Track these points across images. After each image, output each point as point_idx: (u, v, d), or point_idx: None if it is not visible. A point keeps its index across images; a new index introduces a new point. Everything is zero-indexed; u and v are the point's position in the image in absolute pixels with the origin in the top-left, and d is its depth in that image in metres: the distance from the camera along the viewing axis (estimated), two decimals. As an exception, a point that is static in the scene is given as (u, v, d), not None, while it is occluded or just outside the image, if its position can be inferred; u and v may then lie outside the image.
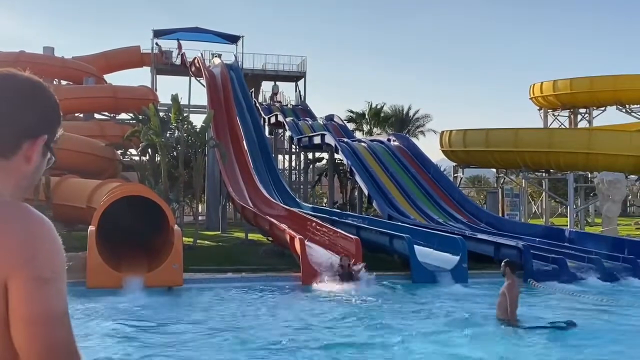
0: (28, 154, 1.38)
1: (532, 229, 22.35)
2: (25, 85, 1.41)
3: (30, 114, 1.39)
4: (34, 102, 1.40)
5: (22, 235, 1.27)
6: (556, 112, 43.21)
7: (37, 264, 1.26)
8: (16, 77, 1.41)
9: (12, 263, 1.25)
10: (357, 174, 24.92)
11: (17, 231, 1.27)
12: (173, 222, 14.62)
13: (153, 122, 21.92)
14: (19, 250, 1.25)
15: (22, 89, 1.40)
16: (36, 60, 39.85)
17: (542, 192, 37.97)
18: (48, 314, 1.25)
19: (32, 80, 1.43)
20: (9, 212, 1.30)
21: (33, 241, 1.27)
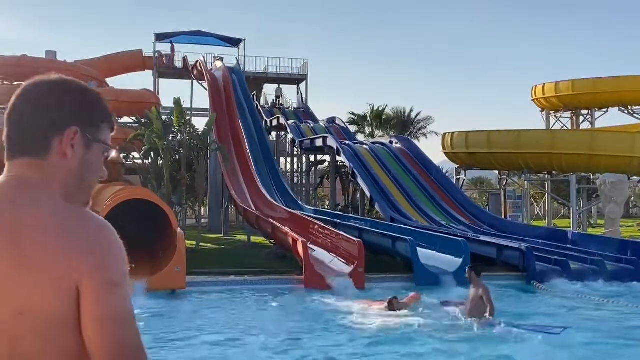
0: (61, 148, 1.41)
1: (534, 230, 22.33)
2: (46, 85, 1.45)
3: (53, 108, 1.42)
4: (55, 97, 1.43)
5: (92, 241, 1.34)
6: (558, 113, 43.18)
7: (108, 268, 1.34)
8: (40, 80, 1.46)
9: (84, 268, 1.31)
10: (359, 177, 24.92)
11: (86, 237, 1.34)
12: (176, 225, 14.63)
13: (155, 125, 21.96)
14: (90, 256, 1.33)
15: (42, 88, 1.44)
16: (38, 64, 39.96)
17: (544, 194, 37.94)
18: (119, 315, 1.33)
19: (52, 78, 1.47)
20: (75, 218, 1.36)
21: (102, 247, 1.35)
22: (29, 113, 1.42)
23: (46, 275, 1.30)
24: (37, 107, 1.42)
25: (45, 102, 1.43)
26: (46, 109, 1.42)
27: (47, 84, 1.45)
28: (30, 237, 1.32)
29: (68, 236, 1.33)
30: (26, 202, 1.36)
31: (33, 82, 1.46)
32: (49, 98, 1.43)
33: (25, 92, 1.44)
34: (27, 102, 1.43)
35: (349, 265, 14.92)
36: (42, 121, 1.41)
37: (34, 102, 1.43)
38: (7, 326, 1.31)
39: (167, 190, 21.16)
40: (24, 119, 1.42)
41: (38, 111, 1.41)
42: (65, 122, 1.43)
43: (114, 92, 35.42)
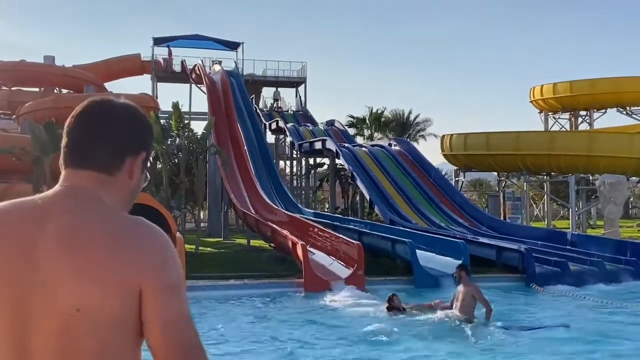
0: (131, 169, 1.53)
1: (534, 232, 22.36)
2: (122, 109, 1.55)
3: (129, 133, 1.53)
4: (131, 122, 1.55)
5: (152, 247, 1.42)
6: (557, 114, 43.24)
7: (168, 273, 1.42)
8: (113, 102, 1.56)
9: (146, 273, 1.39)
10: (359, 179, 24.95)
11: (146, 242, 1.42)
12: (175, 229, 14.66)
13: (154, 129, 21.97)
14: (152, 261, 1.41)
15: (119, 111, 1.54)
16: (37, 69, 40.02)
17: (543, 195, 37.97)
18: (181, 317, 1.42)
19: (127, 104, 1.57)
20: (133, 225, 1.45)
21: (162, 252, 1.43)
22: (104, 131, 1.51)
23: (107, 278, 1.37)
24: (114, 127, 1.51)
25: (123, 124, 1.53)
26: (123, 130, 1.52)
27: (122, 107, 1.56)
28: (89, 242, 1.39)
29: (129, 241, 1.41)
30: (86, 210, 1.44)
31: (108, 102, 1.56)
32: (125, 121, 1.54)
33: (100, 110, 1.54)
34: (103, 119, 1.52)
35: (349, 268, 14.94)
36: (119, 141, 1.51)
37: (111, 121, 1.52)
38: (63, 324, 1.37)
39: (166, 195, 21.17)
40: (97, 136, 1.50)
41: (115, 131, 1.51)
42: (138, 146, 1.55)
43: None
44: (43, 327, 1.38)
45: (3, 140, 21.51)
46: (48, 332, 1.38)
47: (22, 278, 1.40)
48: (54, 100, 34.58)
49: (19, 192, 20.02)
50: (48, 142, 17.44)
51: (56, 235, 1.40)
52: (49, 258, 1.39)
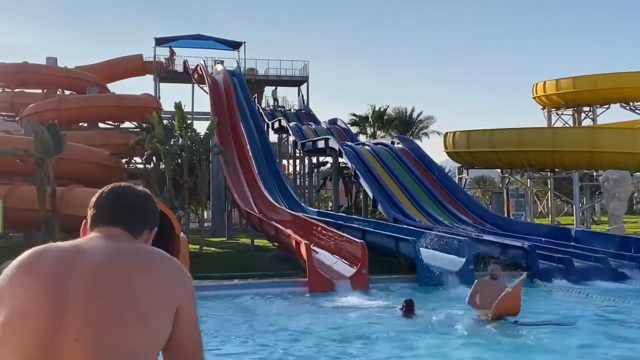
0: (147, 238, 1.96)
1: (538, 228, 22.32)
2: (144, 194, 1.99)
3: (149, 211, 1.97)
4: (149, 203, 1.99)
5: (179, 273, 1.83)
6: (560, 111, 43.16)
7: (193, 294, 1.85)
8: (136, 189, 2.00)
9: (181, 295, 1.79)
10: (362, 178, 24.93)
11: (174, 270, 1.82)
12: (179, 229, 14.65)
13: (157, 130, 21.99)
14: (183, 284, 1.82)
15: (143, 196, 1.98)
16: (40, 70, 40.09)
17: (547, 192, 37.91)
18: (195, 325, 1.84)
19: (145, 191, 2.01)
20: (162, 258, 1.83)
21: (187, 277, 1.84)
22: (131, 205, 1.93)
23: (149, 312, 1.70)
24: (139, 204, 1.95)
25: (145, 203, 1.97)
26: (145, 208, 1.97)
27: (143, 191, 1.99)
28: (123, 280, 1.71)
29: (165, 271, 1.80)
30: (123, 249, 1.82)
31: (131, 186, 2.00)
32: (146, 201, 1.98)
33: (127, 190, 1.97)
34: (130, 196, 1.95)
35: (353, 266, 14.93)
36: (142, 215, 1.95)
37: (136, 200, 1.96)
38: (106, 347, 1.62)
39: (169, 195, 21.18)
40: (127, 207, 1.92)
41: (139, 207, 1.95)
42: (153, 223, 1.98)
43: (115, 98, 35.47)
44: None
45: (6, 142, 21.53)
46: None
47: (53, 317, 1.62)
48: (57, 101, 34.64)
49: (22, 193, 20.06)
50: (51, 144, 17.45)
51: (90, 273, 1.70)
52: (82, 296, 1.66)
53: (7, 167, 20.68)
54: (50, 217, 17.35)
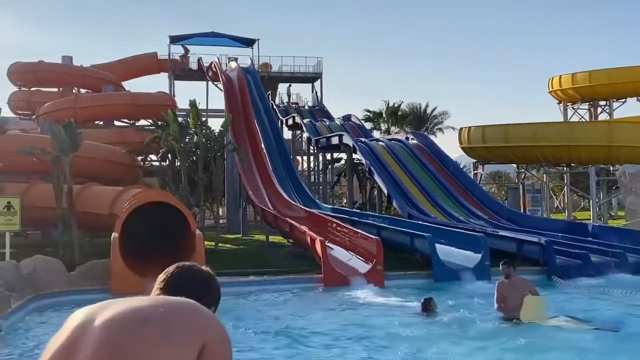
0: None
1: (554, 224, 22.17)
2: (205, 275, 2.13)
3: (211, 293, 2.10)
4: (211, 286, 2.13)
5: (209, 315, 1.93)
6: (576, 105, 42.81)
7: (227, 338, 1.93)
8: (199, 269, 2.14)
9: (210, 335, 1.86)
10: (376, 174, 24.89)
11: (204, 313, 1.91)
12: (194, 226, 14.73)
13: (172, 127, 22.09)
14: (213, 327, 1.90)
15: (204, 277, 2.12)
16: (55, 69, 40.38)
17: (563, 187, 37.64)
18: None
19: (208, 272, 2.15)
20: (194, 304, 1.92)
21: (215, 319, 1.94)
22: (192, 284, 2.06)
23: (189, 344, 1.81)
24: (197, 286, 2.08)
25: (204, 285, 2.11)
26: (204, 288, 2.09)
27: (205, 272, 2.14)
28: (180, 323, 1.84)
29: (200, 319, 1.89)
30: (174, 298, 1.95)
31: (195, 266, 2.14)
32: (207, 284, 2.12)
33: (190, 270, 2.12)
34: (191, 278, 2.09)
35: (368, 263, 14.92)
36: (200, 296, 2.02)
37: (197, 281, 2.09)
38: None
39: (185, 192, 21.27)
40: (187, 285, 2.05)
41: (199, 286, 2.08)
42: (212, 303, 2.09)
43: (130, 96, 35.63)
44: None
45: (23, 141, 21.74)
46: None
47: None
48: (73, 100, 34.87)
49: (39, 191, 20.24)
50: (67, 142, 17.57)
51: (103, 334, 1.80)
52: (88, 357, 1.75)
53: (24, 165, 20.86)
54: (67, 215, 17.48)
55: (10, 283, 11.90)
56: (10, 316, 10.49)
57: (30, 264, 13.38)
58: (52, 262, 13.86)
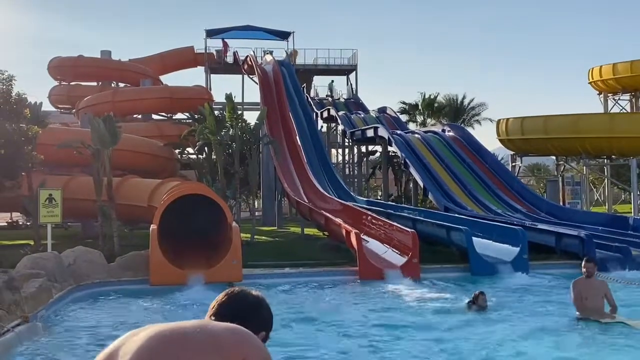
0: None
1: (594, 217, 21.76)
2: (256, 301, 2.19)
3: (261, 319, 2.16)
4: (262, 311, 2.18)
5: (250, 336, 1.96)
6: (617, 96, 41.86)
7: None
8: (250, 294, 2.20)
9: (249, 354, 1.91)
10: (412, 166, 24.73)
11: (246, 334, 1.96)
12: (231, 218, 14.84)
13: (209, 121, 22.27)
14: (252, 346, 1.93)
15: (255, 302, 2.18)
16: (94, 64, 41.08)
17: (604, 179, 36.91)
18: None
19: (257, 295, 2.21)
20: (237, 326, 1.97)
21: (256, 340, 1.98)
22: (240, 310, 2.13)
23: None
24: (247, 311, 2.14)
25: (253, 310, 2.16)
26: (253, 315, 2.14)
27: (255, 298, 2.19)
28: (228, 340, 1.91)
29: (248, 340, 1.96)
30: (218, 323, 2.02)
31: (244, 292, 2.20)
32: (256, 309, 2.17)
33: (240, 297, 2.17)
34: (240, 303, 2.16)
35: (403, 256, 14.85)
36: (249, 321, 2.07)
37: (246, 306, 2.16)
38: None
39: (221, 185, 21.45)
40: (235, 313, 2.10)
41: (247, 314, 2.12)
42: (263, 328, 2.14)
43: (168, 90, 36.07)
44: None
45: (65, 134, 22.18)
46: None
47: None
48: (112, 94, 35.47)
49: (79, 184, 20.64)
50: (107, 136, 17.85)
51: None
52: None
53: (65, 158, 21.30)
54: (106, 207, 17.79)
55: (52, 274, 12.16)
56: (52, 306, 10.73)
57: (71, 255, 13.66)
58: (92, 253, 14.13)
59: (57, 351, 8.23)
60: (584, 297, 9.08)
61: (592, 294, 9.07)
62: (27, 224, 26.31)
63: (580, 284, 9.20)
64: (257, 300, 2.19)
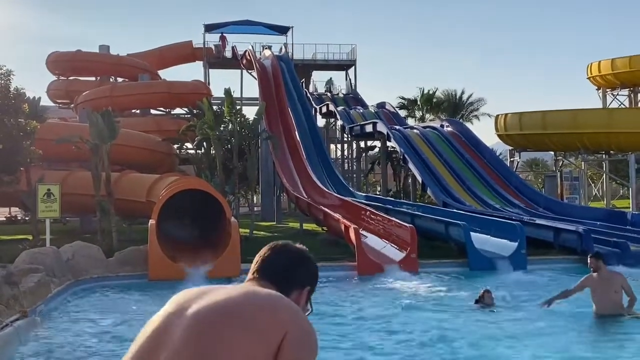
0: (296, 297, 2.05)
1: (592, 212, 21.79)
2: (298, 254, 2.13)
3: (302, 273, 2.10)
4: (304, 265, 2.11)
5: (292, 308, 1.92)
6: (615, 91, 41.85)
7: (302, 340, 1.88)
8: (293, 247, 2.15)
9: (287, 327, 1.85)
10: (411, 162, 24.74)
11: (287, 306, 1.91)
12: (229, 214, 14.85)
13: (207, 116, 22.26)
14: (295, 319, 1.89)
15: (297, 256, 2.12)
16: (92, 58, 41.00)
17: (602, 174, 36.95)
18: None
19: (301, 249, 2.16)
20: (278, 297, 1.94)
21: (299, 311, 1.94)
22: (283, 264, 2.08)
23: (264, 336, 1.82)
24: (291, 265, 2.09)
25: (298, 264, 2.10)
26: (297, 269, 2.09)
27: (299, 251, 2.14)
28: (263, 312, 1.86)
29: (288, 309, 1.91)
30: (262, 292, 1.96)
31: (288, 246, 2.15)
32: (301, 263, 2.11)
33: (283, 250, 2.13)
34: (284, 257, 2.10)
35: (402, 251, 14.88)
36: (293, 276, 2.07)
37: (290, 260, 2.10)
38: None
39: (220, 180, 21.46)
40: (278, 268, 2.07)
41: (291, 268, 2.08)
42: (303, 282, 2.09)
43: (166, 85, 36.03)
44: None
45: (63, 129, 22.16)
46: None
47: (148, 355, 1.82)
48: (110, 89, 35.41)
49: (78, 178, 20.63)
50: (105, 130, 17.84)
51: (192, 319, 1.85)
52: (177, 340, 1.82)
53: (63, 153, 21.29)
54: (105, 202, 17.80)
55: (50, 268, 12.17)
56: (51, 301, 10.75)
57: (70, 250, 13.67)
58: (91, 248, 14.14)
59: (55, 346, 8.24)
60: (594, 292, 8.94)
61: (600, 289, 8.87)
62: (25, 219, 26.31)
63: (589, 280, 9.04)
64: (303, 253, 2.14)
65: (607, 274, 9.01)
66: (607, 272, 9.04)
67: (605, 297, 8.83)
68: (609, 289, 8.83)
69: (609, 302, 8.83)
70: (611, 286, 8.85)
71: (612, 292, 8.83)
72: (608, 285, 8.86)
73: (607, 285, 8.85)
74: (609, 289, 8.83)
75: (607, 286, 8.85)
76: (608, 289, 8.84)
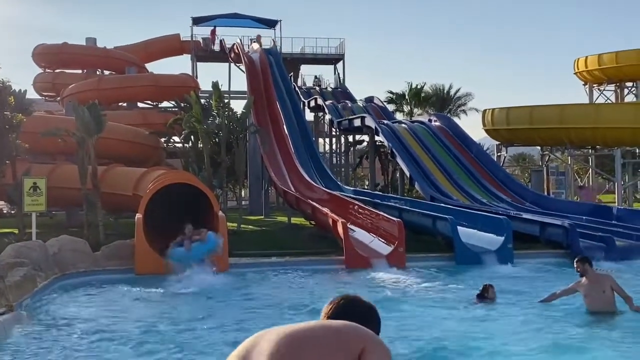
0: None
1: (578, 207, 21.95)
2: (368, 307, 2.39)
3: (372, 324, 2.30)
4: (373, 317, 2.37)
5: (368, 330, 2.19)
6: (602, 86, 42.10)
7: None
8: (362, 301, 2.40)
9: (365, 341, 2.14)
10: (399, 156, 24.79)
11: (363, 329, 2.20)
12: (217, 208, 14.82)
13: (195, 109, 22.17)
14: (371, 336, 2.18)
15: (367, 309, 2.38)
16: (79, 51, 40.68)
17: (588, 169, 37.21)
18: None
19: (370, 305, 2.40)
20: (354, 324, 2.21)
21: (373, 333, 2.21)
22: (362, 312, 2.35)
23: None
24: (360, 317, 2.30)
25: (369, 318, 2.34)
26: (369, 322, 2.30)
27: (369, 306, 2.39)
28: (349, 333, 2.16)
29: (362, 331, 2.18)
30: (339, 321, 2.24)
31: (361, 301, 2.41)
32: (370, 317, 2.36)
33: (354, 305, 2.38)
34: (356, 310, 2.35)
35: (390, 245, 14.92)
36: (368, 323, 2.28)
37: (361, 313, 2.34)
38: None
39: (207, 174, 21.39)
40: (357, 314, 2.31)
41: (368, 315, 2.35)
42: (376, 329, 2.31)
43: (153, 78, 35.82)
44: None
45: (49, 123, 21.98)
46: None
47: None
48: (97, 82, 35.15)
49: (64, 172, 20.49)
50: (92, 124, 17.73)
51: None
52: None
53: (49, 147, 21.14)
54: (91, 196, 17.70)
55: (36, 262, 12.10)
56: (37, 295, 10.69)
57: (56, 244, 13.59)
58: (77, 242, 14.06)
59: (41, 340, 8.20)
60: (585, 297, 9.03)
61: (591, 292, 8.95)
62: (11, 213, 26.11)
63: (578, 285, 9.12)
64: (371, 305, 2.41)
65: (595, 276, 9.11)
66: (595, 275, 9.14)
67: (596, 298, 8.92)
68: (598, 290, 8.92)
69: (600, 301, 8.92)
70: (600, 287, 8.93)
71: (601, 292, 8.91)
72: (597, 287, 8.94)
73: (597, 288, 8.94)
74: (598, 290, 8.92)
75: (597, 288, 8.94)
76: (597, 291, 8.93)
